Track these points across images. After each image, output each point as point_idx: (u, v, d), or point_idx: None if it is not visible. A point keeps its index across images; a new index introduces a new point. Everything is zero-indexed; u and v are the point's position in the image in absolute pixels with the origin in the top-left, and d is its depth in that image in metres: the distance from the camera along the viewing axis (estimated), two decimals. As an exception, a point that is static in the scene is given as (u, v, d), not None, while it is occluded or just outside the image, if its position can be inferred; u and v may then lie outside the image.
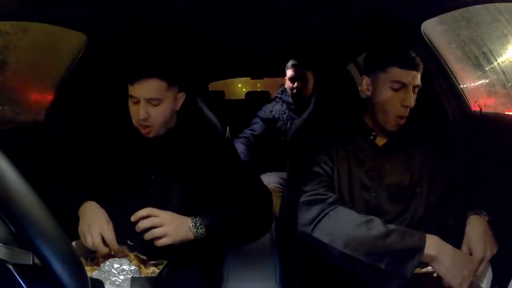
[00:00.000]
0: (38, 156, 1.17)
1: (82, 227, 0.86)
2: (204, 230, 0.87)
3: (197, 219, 0.88)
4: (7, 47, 1.20)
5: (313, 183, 0.95)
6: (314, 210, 0.88)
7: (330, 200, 0.90)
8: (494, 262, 0.81)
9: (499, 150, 1.06)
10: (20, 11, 0.93)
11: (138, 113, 0.93)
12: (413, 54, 0.95)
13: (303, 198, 0.93)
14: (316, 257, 0.92)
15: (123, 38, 1.32)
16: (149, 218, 0.84)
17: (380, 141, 1.02)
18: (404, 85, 0.93)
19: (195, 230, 0.86)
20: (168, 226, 0.84)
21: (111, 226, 0.87)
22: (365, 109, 1.03)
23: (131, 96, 0.95)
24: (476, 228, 0.84)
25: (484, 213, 0.88)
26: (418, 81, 0.95)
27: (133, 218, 0.84)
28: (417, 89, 0.96)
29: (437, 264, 0.77)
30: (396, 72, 0.93)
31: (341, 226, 0.84)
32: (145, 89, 0.92)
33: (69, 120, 1.34)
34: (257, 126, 2.13)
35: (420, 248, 0.77)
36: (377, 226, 0.82)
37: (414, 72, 0.93)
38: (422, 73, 0.96)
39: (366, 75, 1.01)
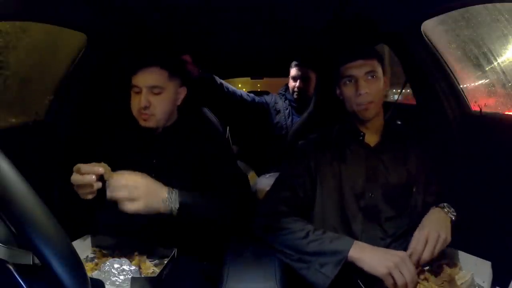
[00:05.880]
0: (38, 156, 1.17)
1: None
2: (177, 206, 0.86)
3: (174, 192, 0.87)
4: (7, 47, 1.20)
5: (276, 193, 1.02)
6: (268, 218, 0.95)
7: (283, 213, 0.95)
8: (494, 262, 0.81)
9: (499, 150, 1.06)
10: (20, 11, 0.93)
11: (140, 102, 0.97)
12: (356, 45, 1.01)
13: (264, 200, 1.03)
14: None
15: (123, 35, 1.32)
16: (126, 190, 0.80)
17: (372, 141, 1.03)
18: (353, 77, 0.98)
19: (168, 203, 0.85)
20: (142, 193, 0.82)
21: None
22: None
23: (134, 86, 0.99)
24: (430, 215, 0.90)
25: (450, 209, 0.90)
26: (369, 68, 0.97)
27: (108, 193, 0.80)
28: (374, 74, 0.98)
29: (361, 263, 0.82)
30: (344, 69, 0.99)
31: (285, 234, 0.91)
32: (147, 77, 0.97)
33: (69, 120, 1.34)
34: (253, 97, 2.12)
35: (346, 250, 0.83)
36: (311, 232, 0.89)
37: (359, 62, 0.97)
38: (422, 73, 0.97)
39: (335, 85, 1.05)
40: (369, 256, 0.82)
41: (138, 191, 0.82)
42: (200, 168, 1.02)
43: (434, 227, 0.85)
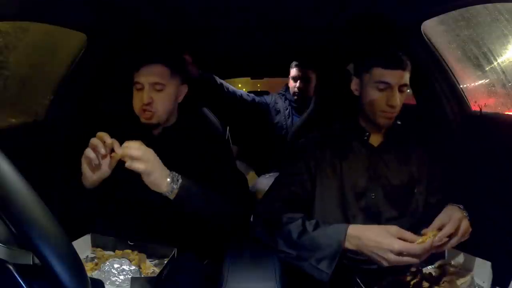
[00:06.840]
0: (38, 156, 1.17)
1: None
2: (178, 187, 0.86)
3: (176, 174, 0.88)
4: (7, 47, 1.20)
5: (275, 192, 1.02)
6: (266, 217, 0.95)
7: (281, 212, 0.93)
8: (494, 262, 0.81)
9: (499, 150, 1.06)
10: (20, 11, 0.93)
11: (142, 98, 0.98)
12: (399, 53, 0.96)
13: (262, 199, 1.03)
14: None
15: (123, 35, 1.32)
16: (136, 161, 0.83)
17: (375, 141, 1.02)
18: (389, 85, 0.94)
19: (170, 180, 0.86)
20: (152, 159, 0.85)
21: None
22: (359, 110, 1.04)
23: (136, 83, 1.00)
24: (451, 207, 0.87)
25: (465, 212, 0.88)
26: (404, 80, 0.95)
27: (122, 152, 0.83)
28: (405, 88, 0.96)
29: (363, 252, 0.80)
30: (380, 73, 0.94)
31: (282, 233, 0.89)
32: (150, 74, 0.99)
33: (69, 120, 1.34)
34: (253, 97, 2.14)
35: (339, 243, 0.81)
36: (307, 227, 0.87)
37: (399, 71, 0.94)
38: (422, 73, 0.96)
39: (355, 76, 1.03)
40: (366, 248, 0.79)
41: (149, 155, 0.85)
42: (200, 168, 1.02)
43: (463, 215, 0.84)
